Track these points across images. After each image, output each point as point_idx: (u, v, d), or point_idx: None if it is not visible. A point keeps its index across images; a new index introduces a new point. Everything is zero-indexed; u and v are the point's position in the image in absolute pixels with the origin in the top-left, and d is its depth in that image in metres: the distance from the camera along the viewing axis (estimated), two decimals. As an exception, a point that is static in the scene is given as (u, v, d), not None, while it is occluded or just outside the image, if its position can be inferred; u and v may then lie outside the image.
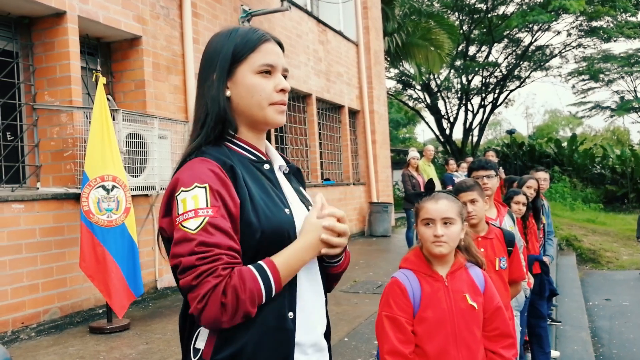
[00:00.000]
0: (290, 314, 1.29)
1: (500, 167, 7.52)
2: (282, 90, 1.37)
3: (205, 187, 1.23)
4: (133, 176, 5.11)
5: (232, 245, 1.21)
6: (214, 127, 1.34)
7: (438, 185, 8.23)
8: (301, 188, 1.49)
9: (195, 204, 1.22)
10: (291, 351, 1.28)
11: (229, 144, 1.37)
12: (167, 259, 1.29)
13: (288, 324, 1.28)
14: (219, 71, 1.35)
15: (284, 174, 1.45)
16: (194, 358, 1.28)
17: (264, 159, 1.40)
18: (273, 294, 1.23)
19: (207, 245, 1.18)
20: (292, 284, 1.30)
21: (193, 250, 1.18)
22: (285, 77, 1.40)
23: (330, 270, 1.43)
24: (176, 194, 1.25)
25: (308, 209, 1.42)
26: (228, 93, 1.36)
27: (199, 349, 1.27)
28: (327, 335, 1.43)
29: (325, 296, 1.45)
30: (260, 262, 1.24)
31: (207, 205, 1.22)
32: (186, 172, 1.27)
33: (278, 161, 1.45)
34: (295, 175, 1.51)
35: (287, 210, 1.33)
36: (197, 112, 1.38)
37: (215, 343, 1.25)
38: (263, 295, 1.21)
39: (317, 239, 1.30)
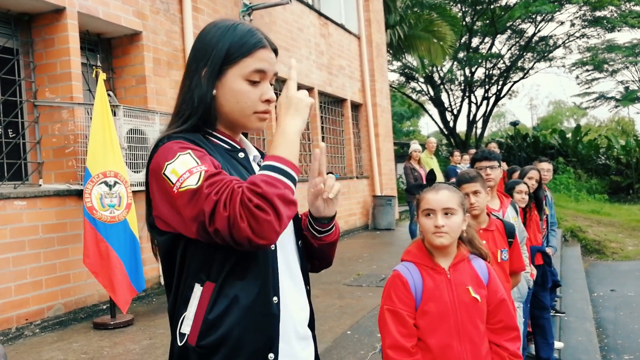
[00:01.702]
0: (275, 298, 1.29)
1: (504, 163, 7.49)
2: (268, 101, 1.36)
3: (189, 152, 1.23)
4: (135, 172, 5.11)
5: (234, 177, 1.20)
6: (196, 124, 1.34)
7: (440, 177, 8.22)
8: None
9: (186, 166, 1.20)
10: (276, 335, 1.28)
11: (205, 135, 1.37)
12: (155, 251, 1.34)
13: (273, 309, 1.28)
14: (209, 69, 1.34)
15: (258, 165, 1.45)
16: (180, 343, 1.28)
17: (239, 147, 1.41)
18: (292, 173, 1.19)
19: (214, 183, 1.16)
20: (275, 269, 1.30)
21: (205, 194, 1.15)
22: (271, 84, 1.40)
23: (324, 239, 1.43)
24: (162, 172, 1.23)
25: None
26: (214, 92, 1.35)
27: (185, 334, 1.27)
28: (311, 325, 1.43)
29: (307, 286, 1.45)
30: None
31: (197, 164, 1.21)
32: (163, 152, 1.26)
33: (252, 152, 1.46)
34: None
35: None
36: (181, 104, 1.37)
37: (201, 328, 1.24)
38: (279, 177, 1.17)
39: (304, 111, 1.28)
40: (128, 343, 4.30)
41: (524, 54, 25.55)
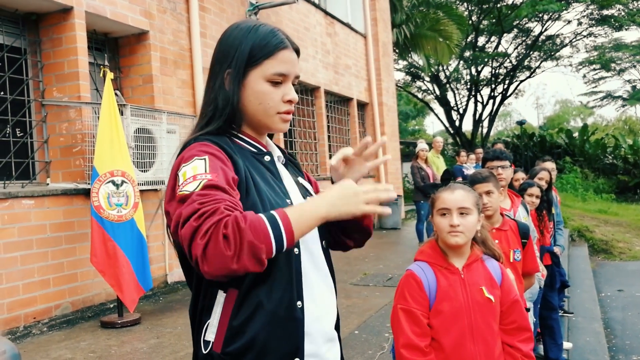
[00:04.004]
0: (299, 303, 1.28)
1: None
2: (290, 101, 1.36)
3: (204, 159, 1.23)
4: (142, 171, 5.10)
5: (232, 199, 1.16)
6: (222, 125, 1.34)
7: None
8: (299, 178, 1.49)
9: (194, 172, 1.20)
10: (301, 341, 1.27)
11: (231, 137, 1.37)
12: (171, 240, 1.29)
13: (297, 313, 1.27)
14: (234, 70, 1.33)
15: (282, 164, 1.46)
16: (205, 351, 1.26)
17: (265, 150, 1.40)
18: (283, 240, 1.11)
19: (206, 195, 1.14)
20: (299, 272, 1.29)
21: (193, 200, 1.13)
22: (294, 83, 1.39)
23: (362, 223, 1.44)
24: (177, 171, 1.24)
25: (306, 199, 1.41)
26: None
27: (209, 342, 1.26)
28: (337, 326, 1.43)
29: (335, 288, 1.44)
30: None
31: (205, 172, 1.19)
32: (186, 153, 1.27)
33: (276, 152, 1.46)
34: (293, 165, 1.52)
35: (288, 201, 1.33)
36: (205, 106, 1.37)
37: (226, 335, 1.24)
38: (269, 232, 1.10)
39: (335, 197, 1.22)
40: (135, 342, 4.30)
41: (531, 53, 25.45)
